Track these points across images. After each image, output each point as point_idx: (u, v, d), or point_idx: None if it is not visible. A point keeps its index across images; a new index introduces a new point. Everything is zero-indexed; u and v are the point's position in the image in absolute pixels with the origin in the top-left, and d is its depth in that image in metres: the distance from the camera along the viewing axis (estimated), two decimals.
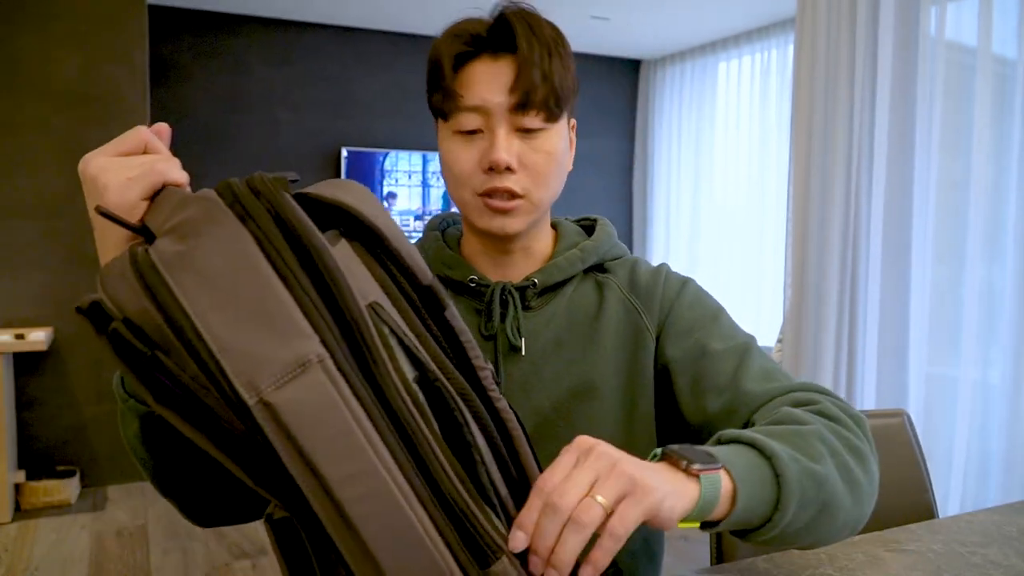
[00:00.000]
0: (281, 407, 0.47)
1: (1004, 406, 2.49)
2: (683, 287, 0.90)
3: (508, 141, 0.81)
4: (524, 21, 0.82)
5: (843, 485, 0.68)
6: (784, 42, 5.25)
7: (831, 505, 0.67)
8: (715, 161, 5.93)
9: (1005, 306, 2.49)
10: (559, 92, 0.82)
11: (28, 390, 3.20)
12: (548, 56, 0.81)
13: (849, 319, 2.70)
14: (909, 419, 1.28)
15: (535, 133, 0.82)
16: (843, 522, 0.69)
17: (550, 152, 0.83)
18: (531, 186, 0.83)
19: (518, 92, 0.80)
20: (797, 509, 0.64)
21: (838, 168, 2.71)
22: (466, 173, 0.83)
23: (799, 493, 0.64)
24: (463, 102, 0.81)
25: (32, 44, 3.12)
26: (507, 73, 0.81)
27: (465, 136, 0.82)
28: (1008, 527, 1.00)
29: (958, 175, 2.59)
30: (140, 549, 2.74)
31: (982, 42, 2.51)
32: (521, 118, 0.81)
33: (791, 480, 0.64)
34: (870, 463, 0.72)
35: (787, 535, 0.66)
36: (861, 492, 0.70)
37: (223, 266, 0.50)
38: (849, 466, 0.69)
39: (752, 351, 0.83)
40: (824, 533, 0.69)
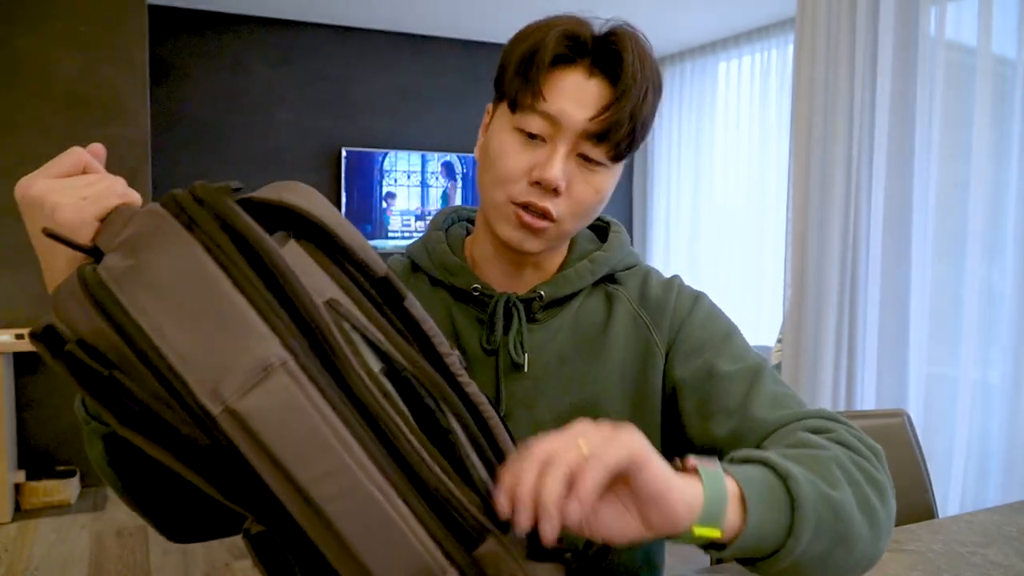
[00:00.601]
0: (248, 414, 0.47)
1: (1004, 406, 2.49)
2: (695, 303, 0.85)
3: (566, 162, 0.76)
4: (636, 50, 0.76)
5: (861, 516, 0.64)
6: (784, 42, 5.25)
7: (848, 536, 0.63)
8: (715, 161, 5.93)
9: (1005, 306, 2.49)
10: (637, 136, 0.77)
11: (28, 390, 3.20)
12: (645, 95, 0.76)
13: (849, 319, 2.70)
14: (909, 419, 1.28)
15: (595, 166, 0.77)
16: (859, 556, 0.65)
17: (599, 190, 0.79)
18: (568, 215, 0.78)
19: (602, 122, 0.74)
20: (812, 537, 0.60)
21: (838, 168, 2.71)
22: (511, 176, 0.77)
23: (815, 519, 0.60)
24: (542, 104, 0.75)
25: (32, 44, 3.12)
26: (598, 95, 0.75)
27: (525, 137, 0.77)
28: (1008, 527, 1.00)
29: (958, 175, 2.58)
30: (140, 549, 2.74)
31: (982, 42, 2.51)
32: (589, 146, 0.76)
33: (807, 504, 0.60)
34: (888, 496, 0.69)
35: (800, 566, 0.62)
36: (879, 525, 0.66)
37: (174, 277, 0.49)
38: (868, 497, 0.65)
39: (764, 374, 0.78)
40: (839, 567, 0.64)
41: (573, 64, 0.76)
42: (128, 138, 3.29)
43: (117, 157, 3.28)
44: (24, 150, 3.11)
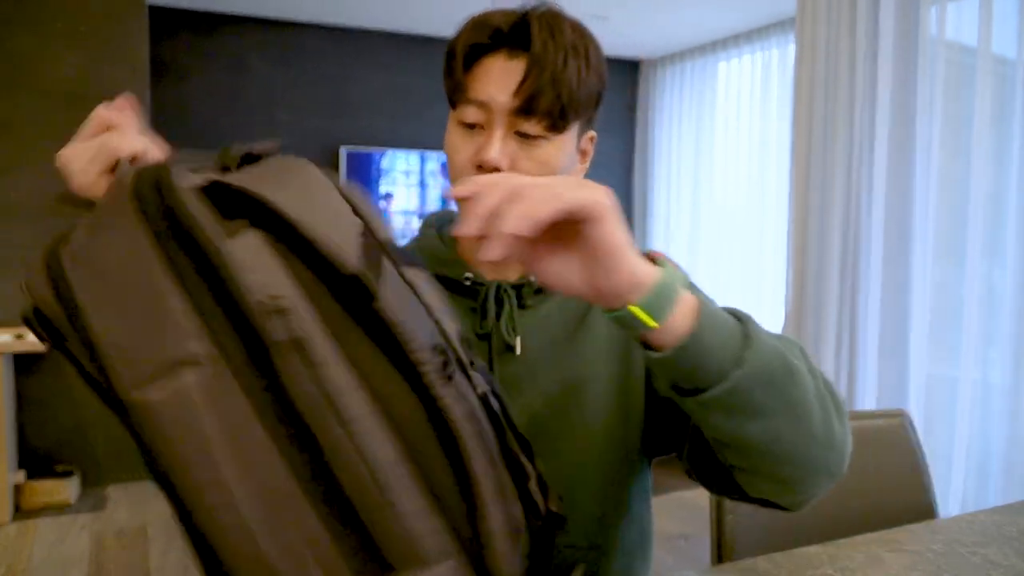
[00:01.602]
0: (142, 407, 0.47)
1: (1004, 406, 2.49)
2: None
3: (504, 143, 0.78)
4: (545, 21, 0.79)
5: (816, 403, 0.63)
6: (784, 42, 5.25)
7: (799, 412, 0.61)
8: (715, 161, 5.93)
9: (1005, 306, 2.49)
10: (569, 101, 0.78)
11: (28, 390, 3.20)
12: (564, 61, 0.78)
13: (849, 319, 2.70)
14: (909, 419, 1.28)
15: (534, 140, 0.79)
16: (806, 450, 0.63)
17: (546, 163, 0.80)
18: None
19: (522, 95, 0.77)
20: (761, 382, 0.59)
21: (838, 168, 2.71)
22: (461, 167, 0.81)
23: (767, 364, 0.59)
24: (469, 95, 0.79)
25: (32, 44, 3.12)
26: (518, 73, 0.78)
27: (466, 129, 0.81)
28: (1008, 527, 1.00)
29: (958, 175, 2.59)
30: (140, 549, 2.74)
31: (982, 42, 2.51)
32: (522, 122, 0.78)
33: (761, 345, 0.59)
34: (845, 419, 0.68)
35: (747, 413, 0.60)
36: (833, 434, 0.65)
37: (116, 262, 0.50)
38: (824, 397, 0.65)
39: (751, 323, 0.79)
40: (790, 441, 0.62)
41: (494, 52, 0.80)
42: None
43: None
44: (24, 150, 3.10)
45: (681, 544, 2.88)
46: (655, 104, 6.53)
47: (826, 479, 0.67)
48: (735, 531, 1.11)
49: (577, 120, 0.82)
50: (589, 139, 0.88)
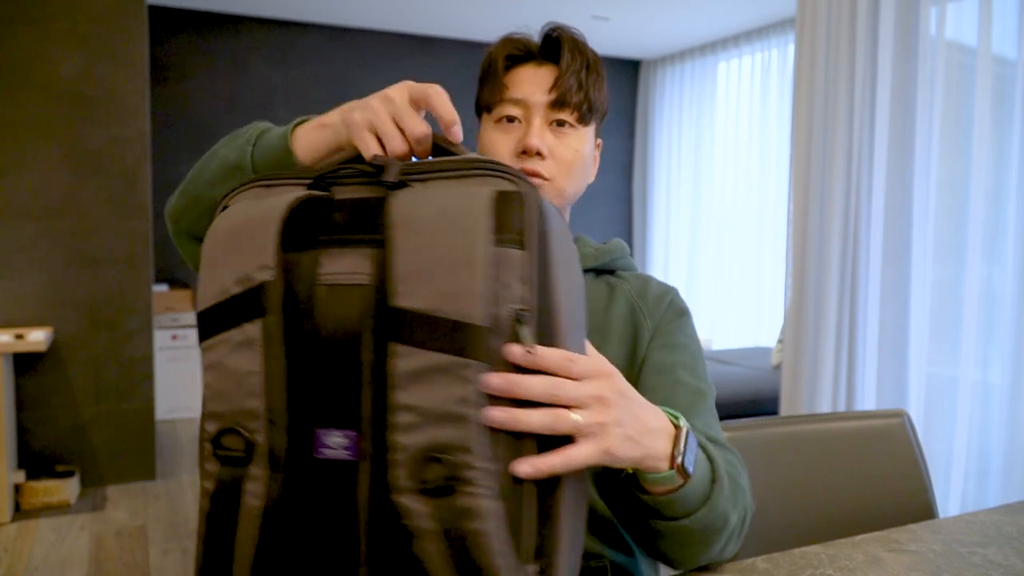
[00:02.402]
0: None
1: (1004, 406, 2.49)
2: (685, 315, 0.98)
3: (542, 131, 0.91)
4: (571, 39, 0.94)
5: (724, 542, 0.79)
6: (784, 42, 5.25)
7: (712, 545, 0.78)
8: (715, 161, 5.93)
9: (1005, 306, 2.49)
10: (591, 101, 0.93)
11: (28, 390, 3.20)
12: (586, 70, 0.93)
13: (849, 319, 2.70)
14: (909, 419, 1.28)
15: (567, 129, 0.93)
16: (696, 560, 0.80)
17: (578, 149, 0.93)
18: (558, 174, 0.92)
19: (556, 91, 0.91)
20: (702, 527, 0.75)
21: (838, 168, 2.71)
22: (500, 156, 0.91)
23: (712, 517, 0.75)
24: (508, 93, 0.93)
25: (32, 44, 3.12)
26: (550, 76, 0.93)
27: (504, 125, 0.93)
28: (1008, 527, 1.00)
29: (958, 175, 2.59)
30: (140, 549, 2.74)
31: (982, 42, 2.51)
32: (557, 113, 0.92)
33: (718, 502, 0.75)
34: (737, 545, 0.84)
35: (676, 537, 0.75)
36: (723, 554, 0.81)
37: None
38: (735, 534, 0.81)
39: (709, 401, 0.91)
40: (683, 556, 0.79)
41: (525, 62, 0.95)
42: (128, 138, 3.29)
43: (117, 157, 3.28)
44: (24, 150, 3.11)
45: None
46: (655, 104, 6.53)
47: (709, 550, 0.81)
48: None
49: (595, 120, 0.96)
50: (597, 146, 1.01)
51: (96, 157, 3.24)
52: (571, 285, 0.62)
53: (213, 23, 5.38)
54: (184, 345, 4.46)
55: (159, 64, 5.08)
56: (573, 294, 0.62)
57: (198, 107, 5.37)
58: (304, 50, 5.64)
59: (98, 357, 3.30)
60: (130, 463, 3.39)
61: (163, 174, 5.19)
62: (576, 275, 0.64)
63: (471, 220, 0.55)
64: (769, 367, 4.08)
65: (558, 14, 5.21)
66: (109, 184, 3.27)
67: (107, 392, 3.33)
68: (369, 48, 5.81)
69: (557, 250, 0.59)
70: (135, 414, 3.38)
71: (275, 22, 5.54)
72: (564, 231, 0.63)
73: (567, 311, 0.60)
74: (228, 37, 5.43)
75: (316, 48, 5.67)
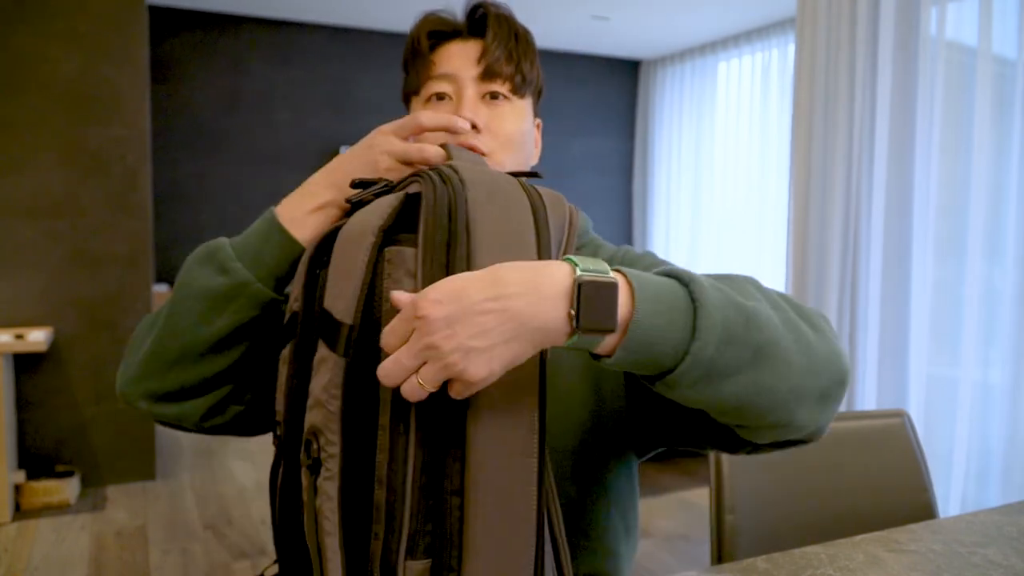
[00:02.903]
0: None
1: (1004, 406, 2.49)
2: (639, 256, 0.88)
3: (474, 103, 0.86)
4: (496, 13, 0.89)
5: (787, 333, 0.60)
6: (784, 42, 5.25)
7: (773, 351, 0.59)
8: (715, 161, 5.93)
9: (1005, 306, 2.49)
10: (524, 72, 0.89)
11: (28, 390, 3.20)
12: (515, 41, 0.89)
13: (849, 319, 2.70)
14: (909, 419, 1.28)
15: (501, 100, 0.88)
16: (795, 381, 0.61)
17: (515, 122, 0.88)
18: (496, 147, 0.86)
19: (485, 61, 0.87)
20: (722, 344, 0.57)
21: (838, 168, 2.71)
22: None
23: (722, 323, 0.57)
24: (435, 70, 0.88)
25: (32, 44, 3.12)
26: (478, 49, 0.88)
27: (434, 104, 0.88)
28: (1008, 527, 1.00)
29: (958, 175, 2.59)
30: (140, 549, 2.74)
31: (982, 42, 2.51)
32: (489, 85, 0.87)
33: (711, 306, 0.57)
34: (829, 335, 0.65)
35: (718, 378, 0.58)
36: (816, 356, 0.62)
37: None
38: (795, 323, 0.62)
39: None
40: (771, 385, 0.60)
41: (451, 39, 0.90)
42: (128, 138, 3.29)
43: (117, 157, 3.28)
44: (24, 150, 3.10)
45: (681, 544, 2.88)
46: (655, 104, 6.53)
47: (828, 398, 0.64)
48: (735, 531, 1.11)
49: (530, 94, 0.92)
50: (537, 126, 0.96)
51: (96, 157, 3.24)
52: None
53: (213, 23, 5.38)
54: None
55: (159, 64, 5.08)
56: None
57: (198, 107, 5.37)
58: (304, 50, 5.64)
59: (98, 357, 3.30)
60: (130, 463, 3.39)
61: (163, 174, 5.19)
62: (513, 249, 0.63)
63: (367, 225, 0.64)
64: None
65: (558, 14, 5.21)
66: (109, 184, 3.27)
67: (107, 392, 3.32)
68: (369, 48, 5.80)
69: (479, 245, 0.62)
70: (135, 414, 3.37)
71: (275, 22, 5.54)
72: (501, 224, 0.64)
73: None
74: (228, 37, 5.43)
75: (316, 48, 5.67)
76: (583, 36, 5.86)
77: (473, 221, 0.63)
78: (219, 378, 0.80)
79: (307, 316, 0.68)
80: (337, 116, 5.75)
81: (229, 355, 0.79)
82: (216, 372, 0.79)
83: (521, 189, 0.68)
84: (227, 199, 5.50)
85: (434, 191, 0.64)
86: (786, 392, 0.60)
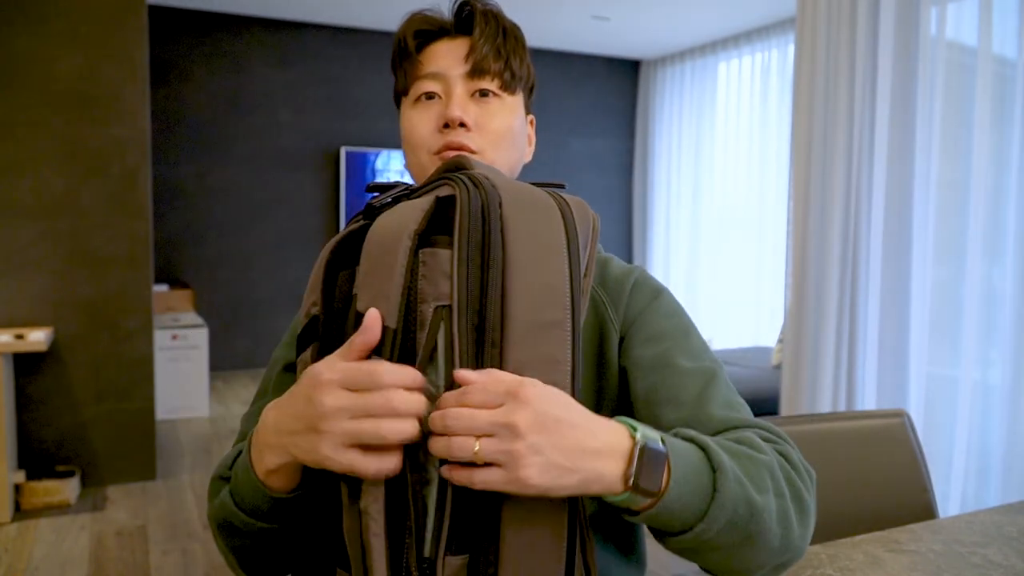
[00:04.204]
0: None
1: (1004, 406, 2.49)
2: (659, 295, 0.86)
3: (463, 101, 0.85)
4: (483, 9, 0.88)
5: (777, 527, 0.66)
6: (784, 42, 5.25)
7: (758, 540, 0.65)
8: (715, 161, 5.93)
9: (1005, 306, 2.49)
10: (513, 68, 0.87)
11: (28, 390, 3.20)
12: (503, 37, 0.87)
13: (849, 319, 2.70)
14: (909, 419, 1.28)
15: (491, 98, 0.86)
16: (763, 560, 0.67)
17: (505, 119, 0.86)
18: (486, 145, 0.85)
19: (473, 58, 0.85)
20: (723, 529, 0.63)
21: (838, 168, 2.71)
22: (422, 135, 0.85)
23: (731, 514, 0.62)
24: (423, 69, 0.86)
25: (32, 44, 3.12)
26: (466, 46, 0.86)
27: (424, 103, 0.86)
28: (1008, 527, 1.00)
29: (958, 175, 2.59)
30: (140, 549, 2.74)
31: (982, 42, 2.51)
32: (478, 82, 0.85)
33: (726, 499, 0.62)
34: (808, 517, 0.70)
35: (704, 550, 0.65)
36: (791, 542, 0.68)
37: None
38: (788, 512, 0.67)
39: (720, 378, 0.79)
40: (741, 564, 0.67)
41: (438, 38, 0.88)
42: (128, 138, 3.29)
43: (117, 157, 3.28)
44: (24, 150, 3.10)
45: None
46: (655, 104, 6.53)
47: (781, 567, 0.71)
48: None
49: (521, 90, 0.90)
50: (530, 122, 0.94)
51: (96, 157, 3.24)
52: (532, 285, 0.63)
53: (213, 23, 5.38)
54: (184, 345, 4.46)
55: (159, 64, 5.07)
56: (533, 294, 0.63)
57: (198, 107, 5.37)
58: (304, 50, 5.64)
59: (98, 357, 3.30)
60: (130, 463, 3.39)
61: (163, 174, 5.19)
62: (544, 274, 0.63)
63: (401, 228, 0.64)
64: (769, 367, 4.08)
65: (558, 14, 5.21)
66: (109, 184, 3.27)
67: (107, 392, 3.32)
68: (369, 48, 5.80)
69: (514, 248, 0.63)
70: (135, 414, 3.38)
71: (275, 22, 5.54)
72: (534, 227, 0.65)
73: (520, 310, 0.62)
74: (228, 37, 5.43)
75: (316, 48, 5.67)
76: (583, 36, 5.86)
77: (508, 224, 0.64)
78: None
79: (328, 319, 0.68)
80: (337, 116, 5.75)
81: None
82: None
83: (551, 197, 0.69)
84: (227, 199, 5.50)
85: (468, 193, 0.64)
86: (749, 566, 0.68)
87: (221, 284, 5.51)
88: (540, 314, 0.62)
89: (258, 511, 0.70)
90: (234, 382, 5.27)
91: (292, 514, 0.71)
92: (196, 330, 4.48)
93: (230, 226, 5.52)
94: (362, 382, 0.59)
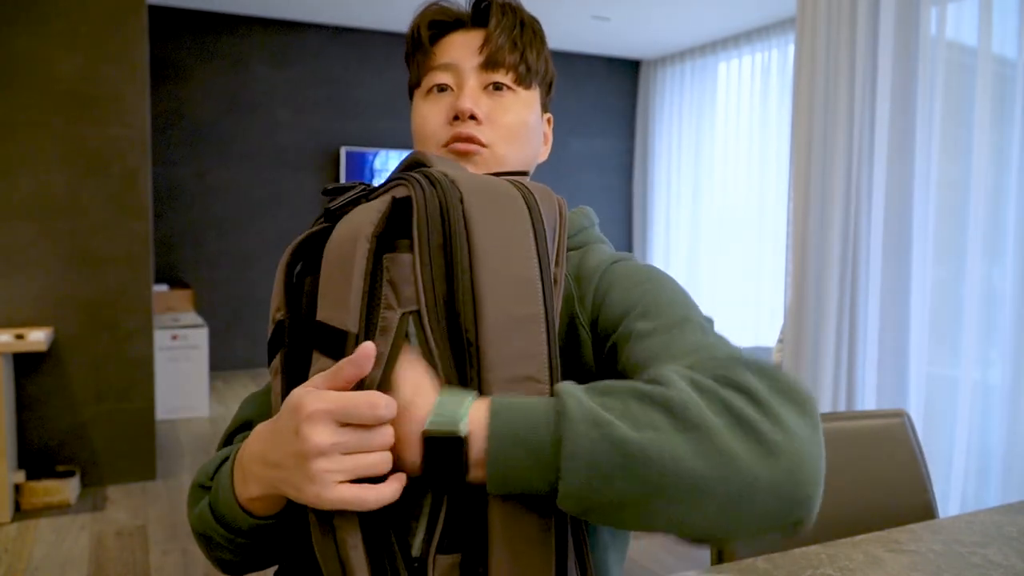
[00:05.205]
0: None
1: (1004, 406, 2.49)
2: (621, 259, 0.77)
3: (475, 93, 0.82)
4: (502, 2, 0.85)
5: (695, 463, 0.53)
6: (784, 42, 5.25)
7: (668, 483, 0.53)
8: (715, 161, 5.93)
9: (1005, 306, 2.49)
10: (529, 62, 0.84)
11: (28, 390, 3.20)
12: (520, 30, 0.85)
13: (849, 319, 2.70)
14: (909, 419, 1.28)
15: (504, 92, 0.84)
16: (712, 509, 0.54)
17: (517, 112, 0.84)
18: (497, 139, 0.82)
19: (487, 50, 0.83)
20: (597, 478, 0.53)
21: (838, 168, 2.71)
22: (433, 128, 0.83)
23: (589, 457, 0.53)
24: (436, 60, 0.84)
25: (32, 44, 3.12)
26: (481, 38, 0.84)
27: (435, 95, 0.84)
28: (1008, 527, 1.00)
29: (958, 175, 2.59)
30: (140, 549, 2.74)
31: (982, 42, 2.51)
32: (491, 75, 0.83)
33: (577, 445, 0.53)
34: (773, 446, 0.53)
35: (606, 509, 0.55)
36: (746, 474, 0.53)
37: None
38: (713, 444, 0.53)
39: (685, 326, 0.66)
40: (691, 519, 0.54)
41: (453, 29, 0.86)
42: (128, 138, 3.29)
43: (117, 157, 3.28)
44: (24, 150, 3.10)
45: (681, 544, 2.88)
46: (655, 104, 6.53)
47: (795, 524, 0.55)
48: None
49: (538, 85, 0.87)
50: (547, 120, 0.92)
51: (96, 157, 3.24)
52: (504, 279, 0.61)
53: (213, 23, 5.38)
54: (184, 345, 4.46)
55: (159, 64, 5.07)
56: (505, 288, 0.61)
57: (198, 107, 5.37)
58: (304, 50, 5.63)
59: (98, 357, 3.30)
60: (130, 463, 3.39)
61: (163, 174, 5.19)
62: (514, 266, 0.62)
63: (358, 232, 0.63)
64: None
65: (558, 14, 5.21)
66: (109, 184, 3.27)
67: (107, 392, 3.32)
68: (369, 48, 5.80)
69: (480, 242, 0.62)
70: (135, 414, 3.38)
71: (275, 22, 5.54)
72: (499, 219, 0.63)
73: (494, 306, 0.60)
74: (228, 37, 5.43)
75: (316, 48, 5.67)
76: (583, 36, 5.86)
77: (472, 219, 0.62)
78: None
79: (294, 325, 0.68)
80: (337, 116, 5.75)
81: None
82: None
83: (512, 186, 0.67)
84: (227, 199, 5.50)
85: (423, 193, 0.63)
86: (696, 516, 0.54)
87: (221, 284, 5.51)
88: (515, 308, 0.61)
89: (239, 530, 0.70)
90: (234, 382, 5.27)
91: (274, 534, 0.70)
92: (196, 330, 4.48)
93: (230, 225, 5.52)
94: (362, 417, 0.55)
